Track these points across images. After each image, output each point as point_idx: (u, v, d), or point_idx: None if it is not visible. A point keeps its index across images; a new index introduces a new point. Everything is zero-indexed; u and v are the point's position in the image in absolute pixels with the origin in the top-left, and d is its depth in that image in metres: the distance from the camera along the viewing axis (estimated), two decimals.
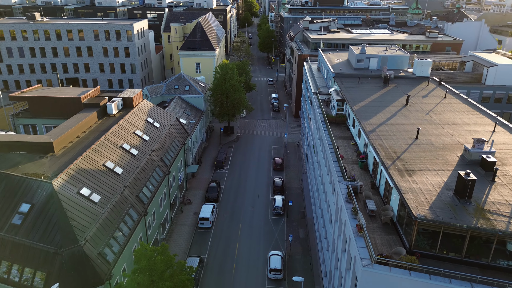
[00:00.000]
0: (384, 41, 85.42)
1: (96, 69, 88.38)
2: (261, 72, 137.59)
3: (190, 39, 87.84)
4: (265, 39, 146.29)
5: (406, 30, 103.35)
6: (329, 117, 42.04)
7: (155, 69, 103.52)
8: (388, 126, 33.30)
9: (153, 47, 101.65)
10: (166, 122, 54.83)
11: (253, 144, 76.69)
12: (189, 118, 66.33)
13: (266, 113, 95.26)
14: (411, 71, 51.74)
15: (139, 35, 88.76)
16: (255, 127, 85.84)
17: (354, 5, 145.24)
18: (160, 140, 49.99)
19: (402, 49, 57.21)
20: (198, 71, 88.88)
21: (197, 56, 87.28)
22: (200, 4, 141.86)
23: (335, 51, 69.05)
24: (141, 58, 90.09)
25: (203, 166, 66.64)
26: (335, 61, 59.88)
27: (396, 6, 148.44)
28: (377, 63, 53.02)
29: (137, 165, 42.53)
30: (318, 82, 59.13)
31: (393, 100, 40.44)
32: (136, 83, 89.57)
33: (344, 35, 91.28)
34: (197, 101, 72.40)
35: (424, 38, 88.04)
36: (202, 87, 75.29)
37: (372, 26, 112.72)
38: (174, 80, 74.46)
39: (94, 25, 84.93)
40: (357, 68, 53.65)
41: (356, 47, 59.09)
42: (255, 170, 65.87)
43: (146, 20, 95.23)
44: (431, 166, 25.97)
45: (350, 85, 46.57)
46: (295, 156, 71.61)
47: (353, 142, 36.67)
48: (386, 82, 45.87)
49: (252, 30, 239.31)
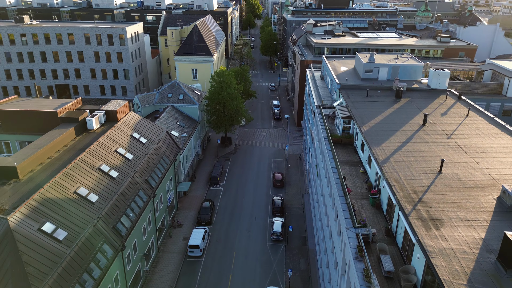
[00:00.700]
0: (393, 46, 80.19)
1: (87, 75, 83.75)
2: (262, 77, 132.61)
3: (186, 44, 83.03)
4: (267, 42, 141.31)
5: (416, 34, 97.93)
6: (334, 137, 36.89)
7: (151, 74, 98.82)
8: (404, 154, 28.10)
9: (148, 51, 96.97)
10: (154, 137, 49.91)
11: (252, 156, 71.63)
12: (182, 130, 61.41)
13: (266, 121, 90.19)
14: (425, 82, 46.46)
15: (133, 39, 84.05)
16: (255, 137, 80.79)
17: (359, 7, 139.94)
18: (146, 158, 45.06)
19: (414, 57, 51.94)
20: (194, 77, 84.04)
21: (194, 61, 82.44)
22: (200, 6, 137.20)
23: (340, 58, 63.86)
24: (135, 64, 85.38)
25: (196, 182, 61.62)
26: (340, 70, 54.73)
27: (404, 8, 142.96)
28: (387, 73, 47.80)
29: (116, 190, 37.59)
30: (322, 92, 53.99)
31: (408, 119, 35.22)
32: (130, 89, 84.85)
33: (349, 40, 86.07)
34: (192, 110, 67.47)
35: (435, 43, 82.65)
36: (197, 95, 70.37)
37: (379, 30, 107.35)
38: (167, 88, 69.59)
39: (85, 29, 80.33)
40: (365, 79, 48.47)
41: (363, 54, 53.90)
42: (253, 187, 60.78)
43: (141, 23, 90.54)
44: (462, 214, 20.77)
45: (358, 99, 41.39)
46: (296, 170, 66.45)
47: (362, 170, 31.51)
48: (399, 96, 40.64)
49: (255, 32, 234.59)
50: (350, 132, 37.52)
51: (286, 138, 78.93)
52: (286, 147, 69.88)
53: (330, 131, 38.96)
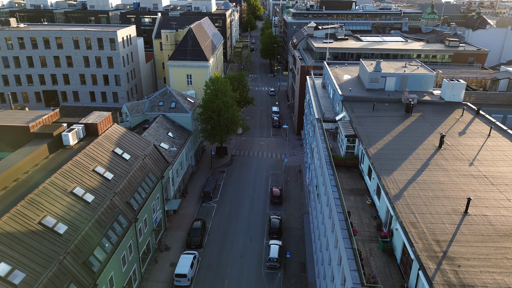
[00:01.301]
0: (398, 51, 75.80)
1: (76, 80, 79.60)
2: (262, 81, 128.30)
3: (180, 48, 78.81)
4: (267, 45, 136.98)
5: (422, 38, 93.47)
6: (336, 158, 32.52)
7: (146, 79, 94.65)
8: (420, 186, 23.72)
9: (142, 55, 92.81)
10: (139, 152, 45.62)
11: (248, 168, 67.25)
12: (173, 141, 57.13)
13: (265, 129, 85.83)
14: (438, 94, 42.02)
15: (125, 43, 79.88)
16: (252, 146, 76.45)
17: (362, 10, 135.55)
18: (128, 177, 40.76)
19: (425, 65, 47.48)
20: (189, 83, 79.80)
21: (188, 67, 78.21)
22: (198, 8, 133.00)
23: (343, 64, 59.46)
24: (127, 69, 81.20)
25: (188, 198, 57.29)
26: (343, 78, 50.37)
27: (408, 10, 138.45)
28: (396, 83, 43.41)
29: (90, 217, 33.31)
30: (323, 103, 49.62)
31: (421, 139, 30.82)
32: (121, 96, 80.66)
33: (352, 44, 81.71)
34: (184, 120, 63.20)
35: (443, 47, 78.19)
36: (191, 103, 66.09)
37: (383, 33, 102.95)
38: (158, 95, 65.35)
39: (73, 32, 76.19)
40: (370, 89, 44.08)
41: (368, 62, 49.54)
42: (249, 203, 56.41)
43: (134, 26, 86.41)
44: (500, 276, 16.39)
45: (363, 113, 37.02)
46: (296, 184, 62.05)
47: (369, 201, 27.10)
48: (409, 111, 36.22)
49: (256, 34, 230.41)
50: (355, 153, 33.15)
51: (285, 148, 74.57)
52: (285, 159, 65.49)
53: (332, 151, 34.58)
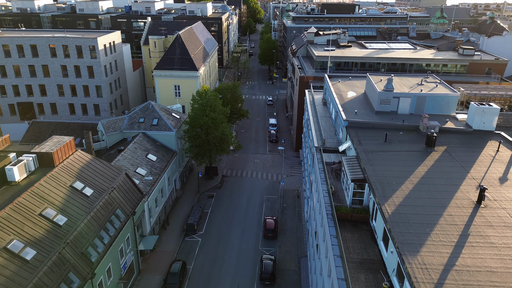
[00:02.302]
0: (407, 60, 68.63)
1: (54, 91, 72.66)
2: (260, 89, 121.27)
3: (167, 57, 71.82)
4: (265, 50, 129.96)
5: (431, 44, 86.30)
6: (340, 211, 25.26)
7: (133, 88, 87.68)
8: (463, 278, 16.46)
9: (129, 63, 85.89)
10: (106, 184, 38.49)
11: (240, 192, 60.03)
12: (152, 165, 50.03)
13: (261, 144, 78.65)
14: (463, 119, 34.79)
15: (107, 50, 72.94)
16: (246, 165, 69.24)
17: (366, 13, 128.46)
18: (87, 218, 33.64)
19: (445, 83, 40.15)
20: (177, 95, 72.76)
21: (176, 77, 71.17)
22: (193, 11, 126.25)
23: (346, 77, 52.30)
24: (110, 78, 74.23)
25: (169, 231, 50.10)
26: (347, 96, 43.20)
27: (415, 14, 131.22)
28: (411, 105, 36.20)
29: (28, 280, 26.17)
30: (324, 125, 42.41)
31: (452, 188, 23.58)
32: (103, 108, 73.66)
33: (356, 51, 74.58)
34: (168, 139, 56.15)
35: (457, 56, 70.93)
36: (176, 120, 59.03)
37: (389, 39, 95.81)
38: (139, 111, 58.30)
39: (49, 39, 69.29)
40: (380, 112, 36.87)
41: (376, 77, 42.37)
42: (239, 238, 49.16)
43: (119, 32, 79.49)
44: None
45: (373, 146, 29.82)
46: (293, 212, 54.82)
47: (386, 285, 19.78)
48: (431, 145, 28.94)
49: (256, 38, 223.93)
50: (364, 202, 25.94)
51: (282, 166, 67.35)
52: (281, 182, 58.22)
53: (335, 196, 27.34)
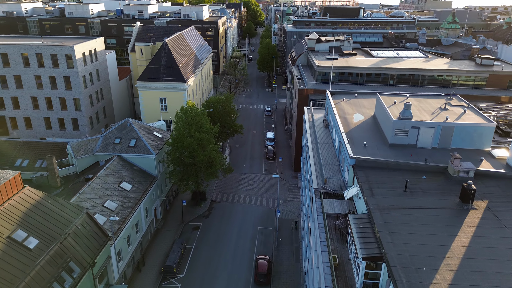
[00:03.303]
0: (419, 71, 61.41)
1: (28, 104, 65.88)
2: (258, 97, 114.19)
3: (152, 66, 64.89)
4: (264, 56, 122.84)
5: (444, 52, 79.04)
6: None
7: (119, 99, 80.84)
8: None
9: (114, 72, 79.16)
10: (58, 230, 31.40)
11: (231, 222, 52.86)
12: (125, 196, 42.99)
13: (257, 161, 71.46)
14: (501, 157, 27.49)
15: (87, 59, 66.08)
16: (239, 187, 62.07)
17: (371, 17, 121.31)
18: (26, 281, 26.56)
19: (474, 107, 32.81)
20: (163, 108, 65.77)
21: (162, 89, 64.21)
22: (188, 15, 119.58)
23: (351, 95, 45.07)
24: (90, 90, 67.37)
25: (144, 273, 42.98)
26: (353, 120, 36.03)
27: (423, 18, 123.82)
28: (434, 137, 28.97)
29: None
30: (325, 155, 35.21)
31: (508, 278, 16.35)
32: (82, 122, 66.76)
33: (362, 61, 67.41)
34: (147, 162, 49.18)
35: (473, 66, 63.59)
36: (157, 139, 52.03)
37: (397, 46, 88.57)
38: (116, 130, 51.36)
39: (21, 47, 62.54)
40: (395, 145, 29.66)
41: (388, 98, 35.18)
42: (225, 283, 41.94)
43: (101, 38, 72.61)
44: None
45: (389, 199, 22.63)
46: (290, 249, 47.60)
47: None
48: (468, 200, 21.64)
49: (256, 41, 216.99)
50: (380, 285, 18.72)
51: (280, 189, 60.15)
52: (277, 212, 50.98)
53: (341, 276, 20.13)
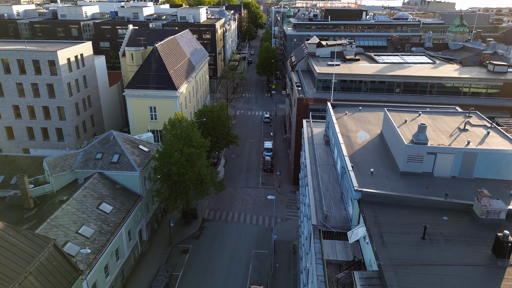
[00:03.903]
0: (428, 79, 57.06)
1: (9, 113, 61.81)
2: (257, 102, 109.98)
3: (141, 73, 60.72)
4: (264, 60, 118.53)
5: (452, 57, 74.74)
6: None
7: (110, 105, 76.68)
8: None
9: (104, 78, 75.07)
10: (18, 267, 27.19)
11: (223, 245, 48.53)
12: (104, 220, 38.78)
13: (253, 174, 67.14)
14: None
15: (72, 64, 61.99)
16: (233, 203, 57.79)
17: (375, 20, 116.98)
18: None
19: (499, 127, 28.43)
20: (153, 118, 61.60)
21: (151, 97, 60.05)
22: (185, 17, 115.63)
23: (355, 107, 40.73)
24: (76, 97, 63.25)
25: None
26: (357, 138, 31.73)
27: (428, 21, 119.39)
28: (453, 165, 24.63)
29: None
30: (326, 179, 30.90)
31: None
32: (67, 132, 62.62)
33: (365, 67, 63.14)
34: (131, 180, 45.00)
35: (486, 73, 59.21)
36: (143, 154, 47.82)
37: (402, 50, 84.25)
38: (98, 144, 47.19)
39: (1, 52, 58.48)
40: (407, 173, 25.35)
41: (397, 115, 30.89)
42: None
43: (89, 43, 68.44)
44: None
45: (405, 251, 18.39)
46: (287, 276, 43.25)
47: None
48: (503, 254, 17.24)
49: (256, 44, 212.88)
50: None
51: (276, 204, 55.92)
52: (273, 234, 46.60)
53: None
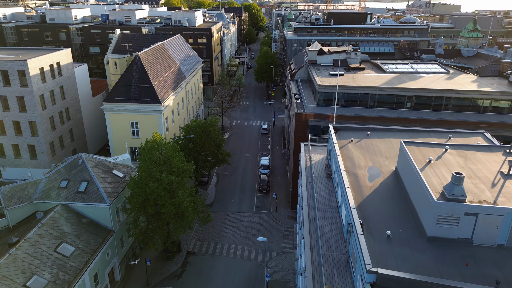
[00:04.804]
0: (443, 93, 50.48)
1: None
2: (255, 111, 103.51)
3: (121, 84, 54.51)
4: (262, 66, 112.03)
5: (466, 65, 68.10)
6: None
7: (94, 116, 70.53)
8: None
9: (86, 87, 69.06)
10: None
11: (208, 285, 42.04)
12: (61, 266, 32.42)
13: (248, 195, 60.66)
14: None
15: (46, 75, 55.91)
16: (223, 232, 51.32)
17: (380, 24, 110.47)
18: None
19: None
20: (135, 134, 55.31)
21: (132, 111, 53.78)
22: (180, 21, 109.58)
23: (362, 132, 34.20)
24: (51, 111, 57.16)
25: None
26: (365, 178, 25.23)
27: (437, 25, 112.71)
28: (501, 229, 18.08)
29: None
30: (326, 231, 24.40)
31: None
32: (40, 150, 56.49)
33: (372, 78, 56.66)
34: (100, 213, 38.67)
35: (507, 85, 52.57)
36: (116, 181, 41.46)
37: (411, 57, 77.68)
38: (63, 169, 40.88)
39: None
40: (437, 239, 18.82)
41: (416, 148, 24.38)
42: None
43: (68, 50, 62.30)
44: None
45: None
46: None
47: None
48: None
49: (257, 47, 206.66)
50: None
51: (272, 232, 49.45)
52: (266, 277, 40.02)
53: None
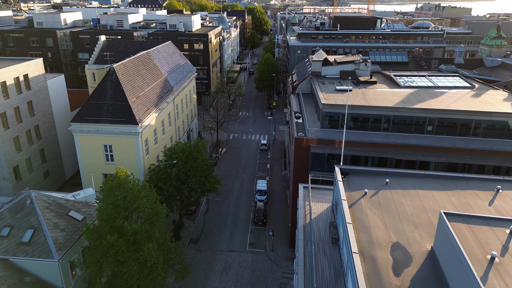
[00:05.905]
0: (472, 114, 42.22)
1: None
2: (255, 123, 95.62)
3: (92, 102, 46.93)
4: (263, 74, 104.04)
5: (490, 77, 59.77)
6: None
7: (71, 135, 62.92)
8: None
9: (63, 101, 61.74)
10: None
11: None
12: None
13: (241, 228, 52.68)
14: None
15: (9, 89, 48.56)
16: (209, 278, 43.32)
17: (391, 29, 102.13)
18: None
19: None
20: (109, 159, 47.69)
21: (105, 133, 46.12)
22: (175, 25, 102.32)
23: (378, 179, 26.08)
24: (14, 130, 49.82)
25: None
26: (389, 264, 17.24)
27: (453, 30, 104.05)
28: None
29: None
30: None
31: None
32: (1, 176, 49.11)
33: (385, 94, 48.56)
34: (47, 269, 30.95)
35: None
36: (73, 225, 33.76)
37: (427, 67, 69.38)
38: (7, 211, 33.27)
39: None
40: None
41: (463, 226, 16.29)
42: None
43: (39, 60, 54.97)
44: None
45: None
46: None
47: None
48: None
49: (260, 52, 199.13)
50: None
51: (268, 280, 41.52)
52: None
53: None
